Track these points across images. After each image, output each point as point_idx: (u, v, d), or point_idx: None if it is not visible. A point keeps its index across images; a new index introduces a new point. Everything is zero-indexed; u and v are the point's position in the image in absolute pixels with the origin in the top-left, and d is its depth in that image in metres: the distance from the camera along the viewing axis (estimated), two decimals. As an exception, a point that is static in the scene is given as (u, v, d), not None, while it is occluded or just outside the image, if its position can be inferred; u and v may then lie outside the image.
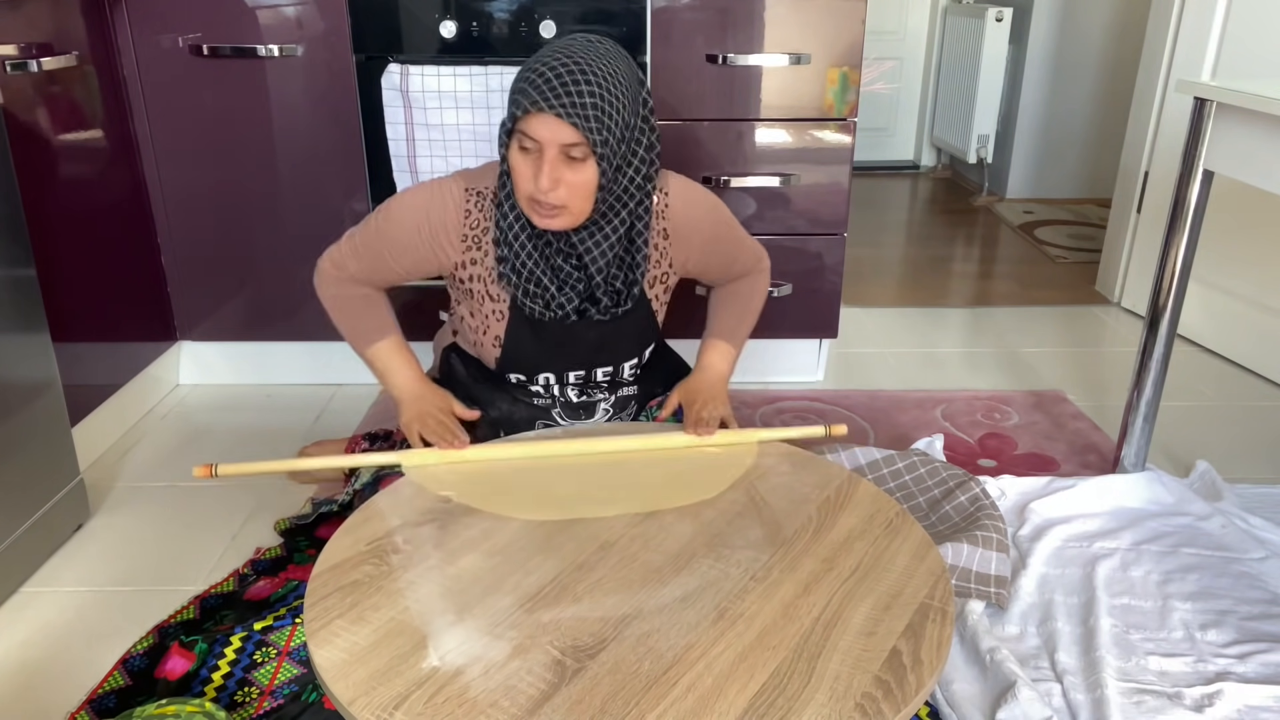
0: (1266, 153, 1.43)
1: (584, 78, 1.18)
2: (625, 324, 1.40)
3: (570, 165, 1.21)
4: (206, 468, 1.27)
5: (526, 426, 1.46)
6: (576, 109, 1.18)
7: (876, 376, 2.30)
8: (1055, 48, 3.85)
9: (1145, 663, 1.31)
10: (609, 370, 1.45)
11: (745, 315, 1.54)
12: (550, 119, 1.18)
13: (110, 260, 1.88)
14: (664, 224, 1.39)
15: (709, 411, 1.36)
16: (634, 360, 1.47)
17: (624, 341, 1.43)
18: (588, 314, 1.37)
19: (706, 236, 1.43)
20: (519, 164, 1.23)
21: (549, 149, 1.20)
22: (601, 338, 1.40)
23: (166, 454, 1.92)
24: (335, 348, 2.19)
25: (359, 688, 0.88)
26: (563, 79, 1.18)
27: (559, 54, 1.21)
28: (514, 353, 1.41)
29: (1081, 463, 1.89)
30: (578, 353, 1.41)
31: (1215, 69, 2.36)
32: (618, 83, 1.21)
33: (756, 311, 1.56)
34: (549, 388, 1.45)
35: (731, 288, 1.55)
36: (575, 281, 1.34)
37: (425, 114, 1.87)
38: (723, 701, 0.87)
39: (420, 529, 1.13)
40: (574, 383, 1.45)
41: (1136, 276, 2.73)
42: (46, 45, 1.68)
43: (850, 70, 1.92)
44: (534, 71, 1.20)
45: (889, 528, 1.14)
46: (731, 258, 1.50)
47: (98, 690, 1.25)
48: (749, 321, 1.55)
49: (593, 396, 1.47)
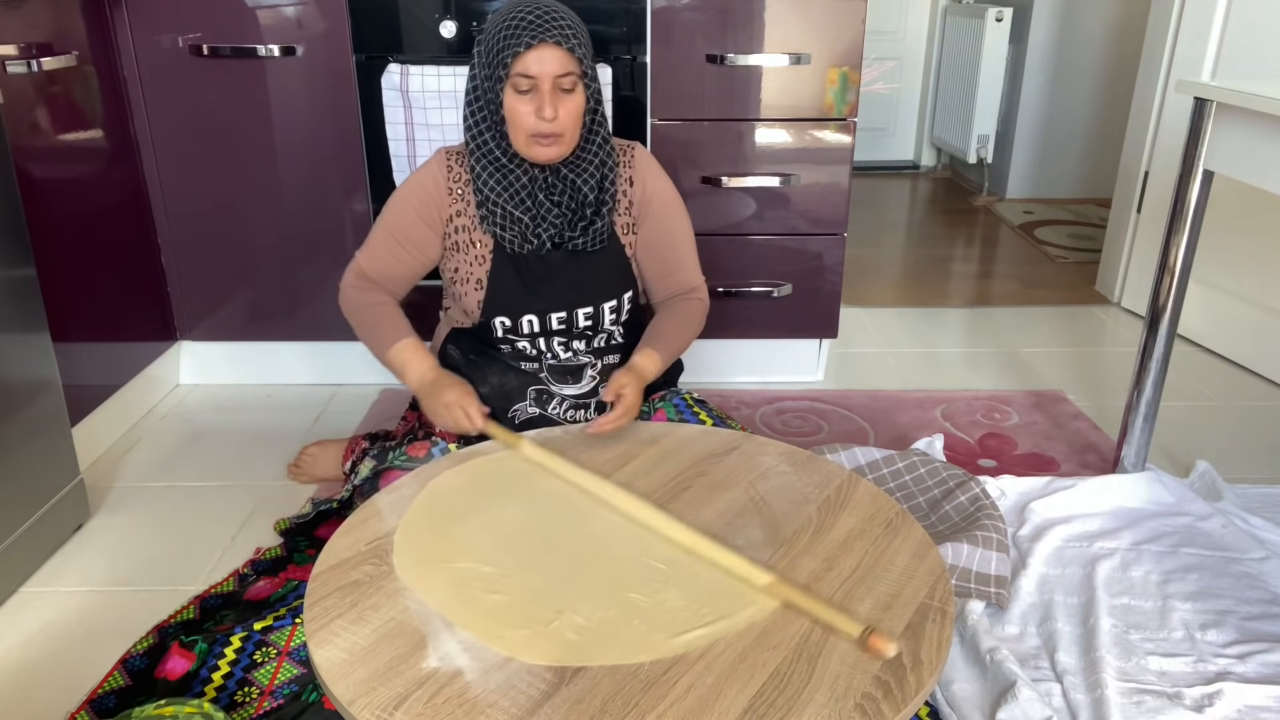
0: (1266, 153, 1.43)
1: (559, 12, 1.35)
2: (601, 261, 1.50)
3: (563, 96, 1.36)
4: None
5: (519, 395, 1.53)
6: (568, 37, 1.33)
7: (876, 376, 2.30)
8: (1055, 48, 3.85)
9: (1145, 663, 1.31)
10: (589, 313, 1.51)
11: (679, 333, 1.54)
12: (547, 51, 1.32)
13: (110, 260, 1.88)
14: (630, 171, 1.52)
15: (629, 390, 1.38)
16: (613, 303, 1.52)
17: (601, 279, 1.51)
18: (564, 243, 1.47)
19: (663, 202, 1.55)
20: (517, 105, 1.36)
21: (545, 82, 1.34)
22: (579, 273, 1.49)
23: (166, 454, 1.92)
24: (335, 348, 2.19)
25: (359, 688, 0.88)
26: (544, 16, 1.33)
27: (524, 5, 1.35)
28: (496, 293, 1.49)
29: (1081, 463, 1.89)
30: (557, 289, 1.49)
31: (1215, 69, 2.36)
32: (577, 18, 1.39)
33: (688, 339, 1.56)
34: (534, 339, 1.51)
35: (670, 304, 1.58)
36: (554, 216, 1.45)
37: (425, 114, 1.87)
38: (723, 701, 0.87)
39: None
40: (557, 330, 1.51)
41: (1136, 276, 2.72)
42: (46, 45, 1.68)
43: (850, 70, 1.92)
44: (513, 18, 1.33)
45: (889, 528, 1.14)
46: (675, 254, 1.57)
47: (98, 690, 1.25)
48: (680, 342, 1.54)
49: (578, 358, 1.54)
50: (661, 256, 1.57)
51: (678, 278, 1.59)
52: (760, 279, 2.08)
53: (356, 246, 2.02)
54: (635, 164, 1.53)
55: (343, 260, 2.04)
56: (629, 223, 1.53)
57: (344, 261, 2.04)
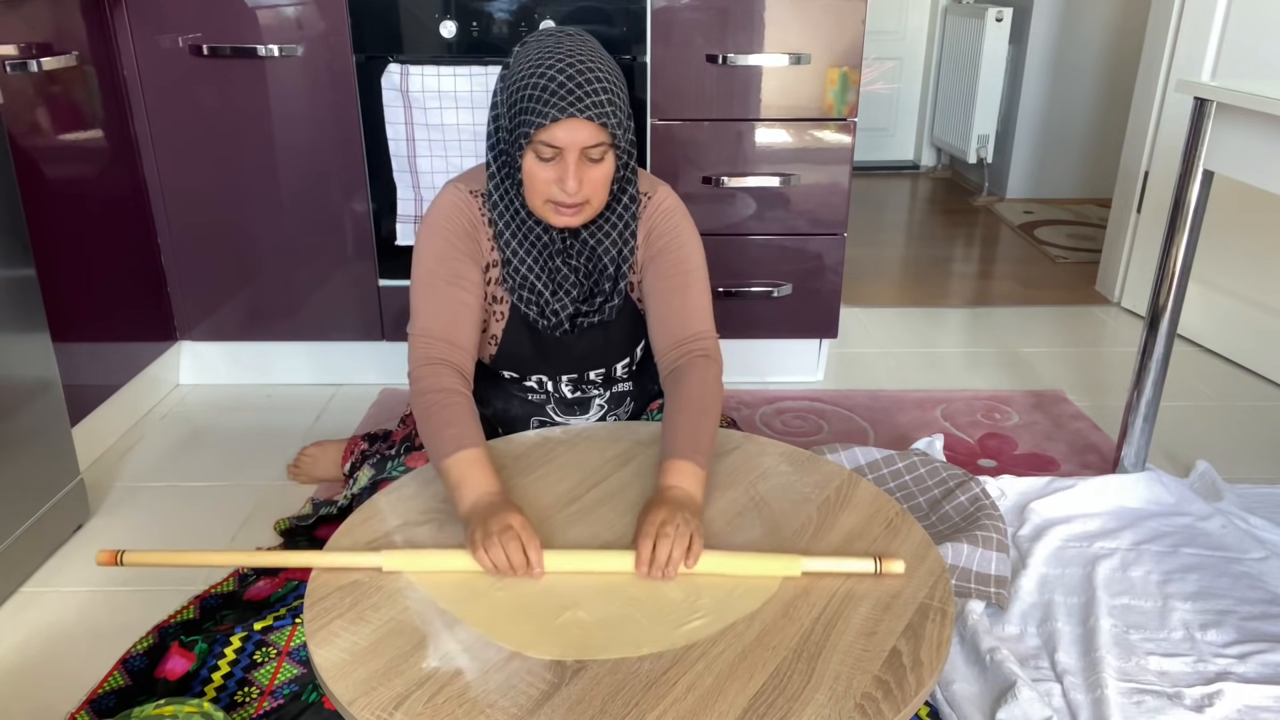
0: (1266, 153, 1.43)
1: (593, 75, 1.17)
2: (614, 328, 1.39)
3: (589, 165, 1.21)
4: (111, 554, 1.07)
5: (522, 424, 1.47)
6: (596, 108, 1.17)
7: (876, 376, 2.30)
8: (1055, 48, 3.85)
9: (1145, 663, 1.31)
10: (601, 372, 1.45)
11: (702, 420, 1.23)
12: (574, 124, 1.16)
13: (110, 260, 1.88)
14: (648, 225, 1.35)
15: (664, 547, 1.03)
16: (625, 360, 1.47)
17: (615, 345, 1.43)
18: (580, 323, 1.35)
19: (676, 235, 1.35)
20: (537, 171, 1.21)
21: (571, 153, 1.18)
22: (591, 345, 1.40)
23: (166, 454, 1.92)
24: (335, 348, 2.19)
25: (359, 688, 0.88)
26: (577, 82, 1.16)
27: (556, 57, 1.18)
28: (509, 352, 1.41)
29: (1081, 463, 1.89)
30: (570, 359, 1.41)
31: (1215, 69, 2.36)
32: (614, 71, 1.21)
33: (715, 412, 1.25)
34: (542, 384, 1.46)
35: (682, 391, 1.26)
36: (571, 285, 1.33)
37: (425, 114, 1.87)
38: (723, 701, 0.87)
39: (420, 529, 1.13)
40: (566, 381, 1.46)
41: (1136, 276, 2.72)
42: (46, 45, 1.68)
43: (850, 70, 1.92)
44: (541, 78, 1.17)
45: (889, 528, 1.14)
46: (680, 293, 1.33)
47: (98, 690, 1.25)
48: (709, 426, 1.23)
49: (587, 393, 1.47)
50: (666, 298, 1.34)
51: (680, 320, 1.33)
52: (760, 279, 2.08)
53: (357, 246, 2.03)
54: (654, 214, 1.35)
55: (343, 260, 2.05)
56: (636, 280, 1.38)
57: (344, 261, 2.05)
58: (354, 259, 2.05)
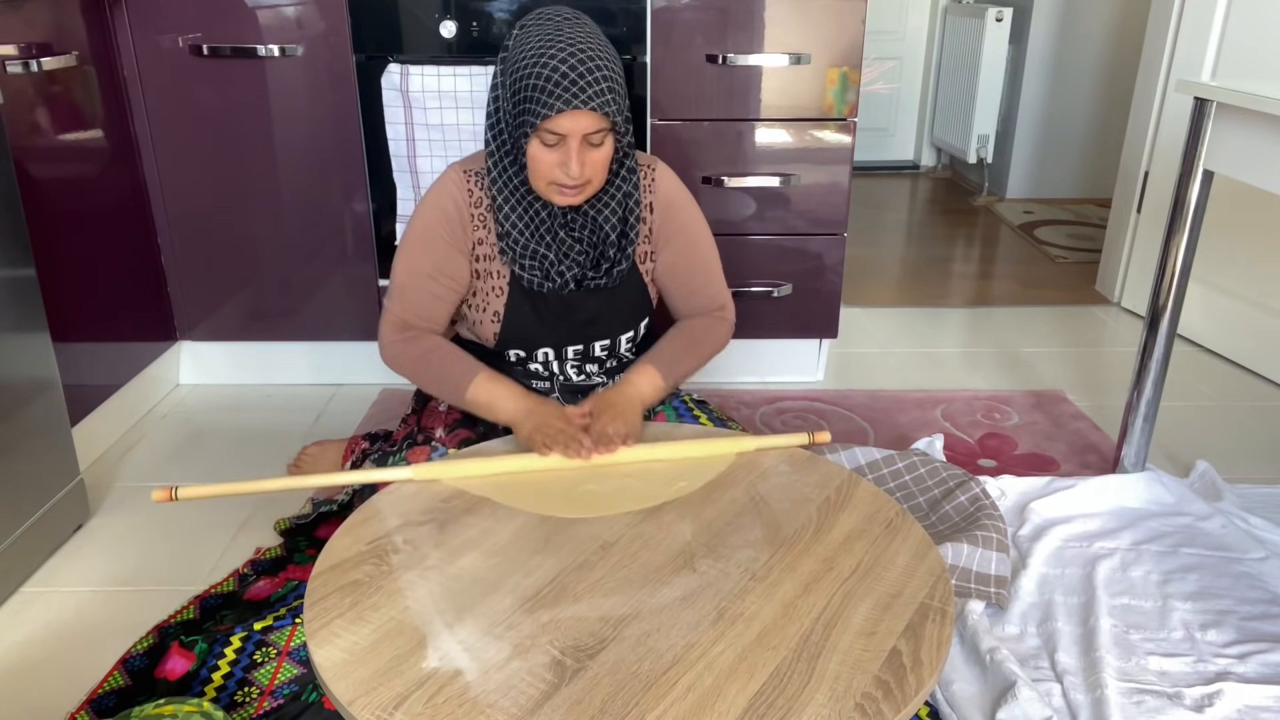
0: (1266, 153, 1.43)
1: (594, 63, 1.24)
2: (619, 295, 1.44)
3: (590, 149, 1.28)
4: (166, 491, 1.18)
5: None
6: (598, 98, 1.23)
7: (876, 376, 2.30)
8: (1055, 48, 3.85)
9: (1145, 663, 1.31)
10: (606, 344, 1.47)
11: (690, 351, 1.46)
12: (577, 115, 1.23)
13: (110, 260, 1.88)
14: (651, 198, 1.44)
15: (613, 428, 1.27)
16: (630, 333, 1.49)
17: (619, 313, 1.46)
18: (585, 282, 1.40)
19: (684, 225, 1.47)
20: (541, 155, 1.28)
21: (573, 139, 1.25)
22: (598, 308, 1.44)
23: (166, 454, 1.92)
24: (335, 348, 2.19)
25: (359, 688, 0.88)
26: (579, 73, 1.22)
27: (558, 46, 1.24)
28: (513, 327, 1.44)
29: (1081, 463, 1.89)
30: (575, 325, 1.44)
31: (1215, 69, 2.36)
32: (611, 55, 1.27)
33: (704, 356, 1.48)
34: (548, 364, 1.47)
35: (688, 322, 1.50)
36: (577, 254, 1.38)
37: (425, 114, 1.87)
38: (723, 701, 0.87)
39: (420, 529, 1.13)
40: (572, 359, 1.47)
41: (1136, 276, 2.73)
42: (46, 45, 1.68)
43: (850, 70, 1.92)
44: (544, 68, 1.23)
45: (889, 528, 1.14)
46: (699, 273, 1.49)
47: (98, 690, 1.25)
48: (691, 360, 1.45)
49: (591, 378, 1.49)
50: (685, 279, 1.49)
51: (703, 296, 1.50)
52: (760, 279, 2.08)
53: (357, 246, 2.04)
54: (656, 188, 1.45)
55: (342, 259, 2.05)
56: (648, 250, 1.46)
57: (344, 261, 2.05)
58: (354, 259, 2.05)
